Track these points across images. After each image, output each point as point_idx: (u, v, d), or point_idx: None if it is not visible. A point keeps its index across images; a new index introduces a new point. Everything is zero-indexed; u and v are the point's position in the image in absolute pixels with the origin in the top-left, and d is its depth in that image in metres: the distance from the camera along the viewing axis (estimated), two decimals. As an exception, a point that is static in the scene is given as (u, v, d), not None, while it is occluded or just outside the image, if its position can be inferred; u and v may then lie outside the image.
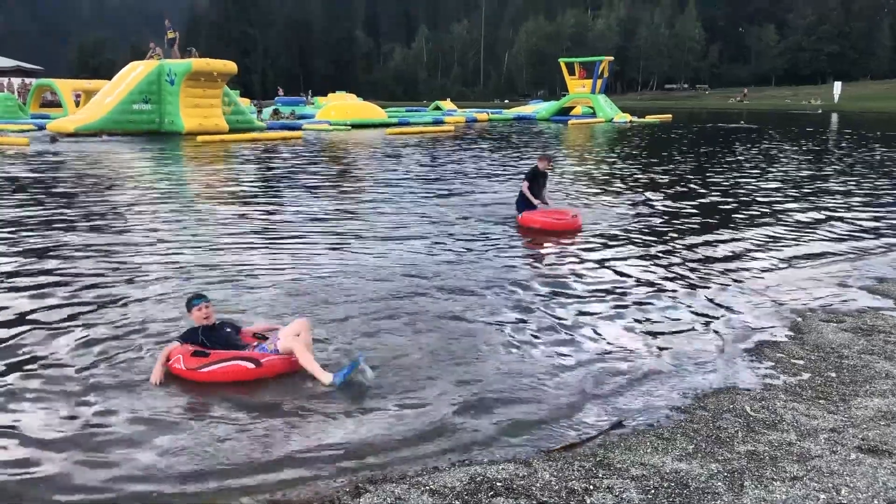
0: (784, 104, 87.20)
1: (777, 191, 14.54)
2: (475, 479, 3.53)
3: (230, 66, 30.24)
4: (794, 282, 7.50)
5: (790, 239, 9.72)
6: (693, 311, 6.43)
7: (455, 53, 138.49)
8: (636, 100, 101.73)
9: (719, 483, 3.53)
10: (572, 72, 50.03)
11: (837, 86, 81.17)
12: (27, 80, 47.79)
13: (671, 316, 6.30)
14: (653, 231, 10.14)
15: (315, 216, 11.02)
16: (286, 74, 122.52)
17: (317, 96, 61.55)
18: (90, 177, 15.67)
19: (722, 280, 7.54)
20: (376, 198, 13.01)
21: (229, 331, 5.08)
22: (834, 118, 55.13)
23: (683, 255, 8.68)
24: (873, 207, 12.48)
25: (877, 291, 7.14)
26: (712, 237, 9.82)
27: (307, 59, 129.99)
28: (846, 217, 11.45)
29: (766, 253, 8.88)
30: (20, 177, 15.51)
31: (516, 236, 9.78)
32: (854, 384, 4.79)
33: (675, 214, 11.54)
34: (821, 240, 9.70)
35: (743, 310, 6.48)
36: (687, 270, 7.94)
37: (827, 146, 27.33)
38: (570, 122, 43.67)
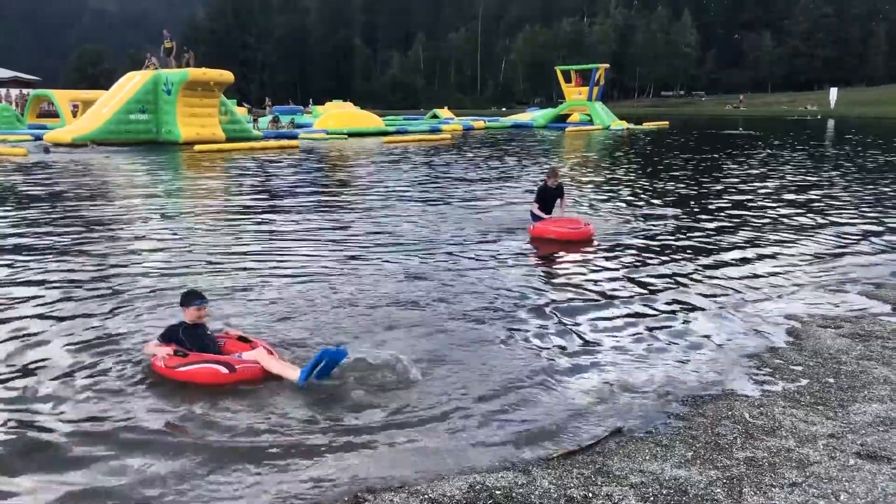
0: (781, 110, 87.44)
1: (775, 196, 14.56)
2: (474, 488, 3.52)
3: (226, 76, 30.27)
4: (792, 287, 7.51)
5: (788, 244, 9.73)
6: (691, 318, 6.43)
7: (452, 61, 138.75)
8: (633, 107, 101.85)
9: (718, 490, 3.52)
10: (569, 79, 50.15)
11: (833, 91, 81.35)
12: (24, 91, 47.84)
13: (669, 323, 6.30)
14: (651, 238, 10.15)
15: (315, 225, 11.02)
16: (284, 84, 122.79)
17: (315, 105, 61.64)
18: (88, 187, 15.68)
19: (720, 286, 7.55)
20: (377, 207, 13.02)
21: (210, 332, 5.20)
22: (831, 124, 55.30)
23: (681, 262, 8.68)
24: (871, 212, 12.50)
25: (875, 296, 7.15)
26: (710, 244, 9.84)
27: (305, 69, 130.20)
28: (844, 222, 11.47)
29: (764, 258, 8.89)
30: (20, 188, 15.51)
31: (520, 245, 9.67)
32: (852, 390, 4.79)
33: (674, 221, 11.55)
34: (818, 245, 9.71)
35: (741, 316, 6.48)
36: (684, 277, 7.94)
37: (825, 152, 27.40)
38: (568, 130, 43.76)
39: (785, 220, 11.65)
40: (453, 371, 5.08)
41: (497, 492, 3.49)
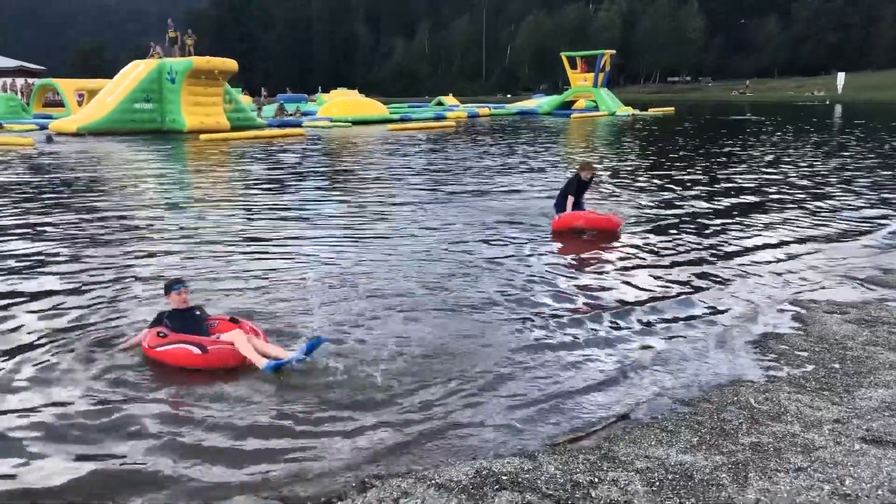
0: (788, 96, 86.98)
1: (783, 182, 14.51)
2: (480, 473, 3.54)
3: (230, 64, 30.22)
4: (798, 273, 7.50)
5: (794, 229, 9.71)
6: (697, 304, 6.44)
7: (457, 49, 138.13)
8: (638, 93, 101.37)
9: (724, 475, 3.54)
10: (574, 65, 49.96)
11: (841, 76, 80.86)
12: (30, 81, 47.89)
13: (675, 308, 6.30)
14: (656, 222, 10.14)
15: (325, 214, 11.03)
16: (287, 73, 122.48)
17: (322, 93, 61.41)
18: (91, 176, 15.71)
19: (726, 272, 7.54)
20: (389, 196, 13.02)
21: (198, 314, 5.32)
22: (838, 109, 54.96)
23: (686, 247, 8.67)
24: (879, 198, 12.45)
25: (881, 282, 7.14)
26: (718, 229, 9.82)
27: (308, 57, 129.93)
28: (851, 207, 11.43)
29: (771, 244, 8.87)
30: (25, 177, 15.55)
31: (529, 233, 9.62)
32: (858, 375, 4.79)
33: (680, 206, 11.53)
34: (825, 230, 9.68)
35: (747, 301, 6.48)
36: (690, 263, 7.94)
37: (834, 137, 27.24)
38: (573, 117, 43.61)
39: (792, 206, 11.61)
40: (458, 357, 5.09)
41: (503, 477, 3.51)
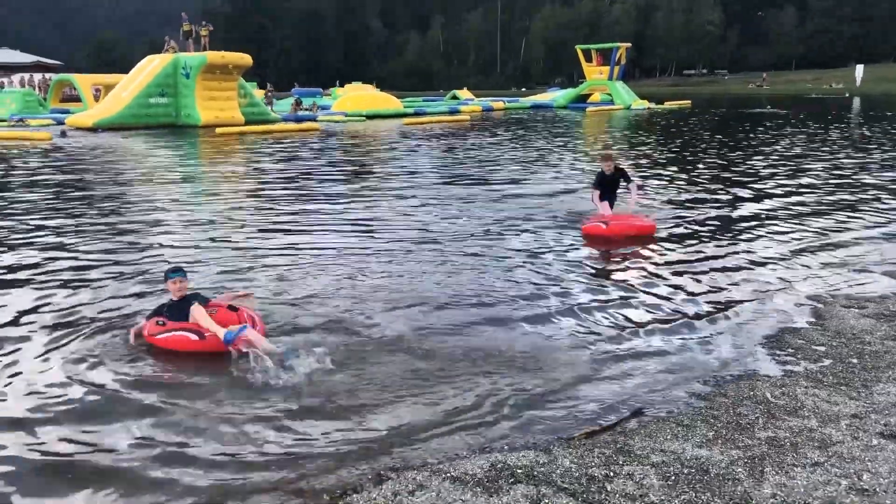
0: (805, 88, 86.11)
1: (801, 176, 14.38)
2: (496, 466, 3.55)
3: (245, 59, 30.33)
4: (816, 268, 7.44)
5: (811, 224, 9.62)
6: (713, 298, 6.40)
7: (472, 43, 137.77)
8: (654, 86, 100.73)
9: (740, 469, 3.53)
10: (589, 59, 49.71)
11: (860, 69, 79.82)
12: (47, 76, 48.22)
13: (691, 303, 6.27)
14: (673, 216, 10.07)
15: (338, 209, 11.06)
16: (300, 67, 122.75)
17: (337, 88, 61.34)
18: (107, 171, 15.83)
19: (743, 265, 7.50)
20: (409, 192, 13.04)
21: (195, 303, 5.38)
22: (857, 102, 54.34)
23: (703, 242, 8.62)
24: (896, 192, 12.32)
25: (899, 277, 7.06)
26: (735, 222, 9.75)
27: (321, 51, 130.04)
28: (868, 201, 11.31)
29: (788, 238, 8.80)
30: (42, 172, 15.70)
31: (548, 230, 9.49)
32: (876, 370, 4.76)
33: (696, 199, 11.45)
34: (842, 225, 9.59)
35: (763, 296, 6.44)
36: (706, 258, 7.89)
37: (855, 131, 26.93)
38: (588, 110, 43.42)
39: (810, 201, 11.50)
40: (472, 351, 5.10)
41: (518, 470, 3.52)
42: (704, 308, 6.15)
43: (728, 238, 8.88)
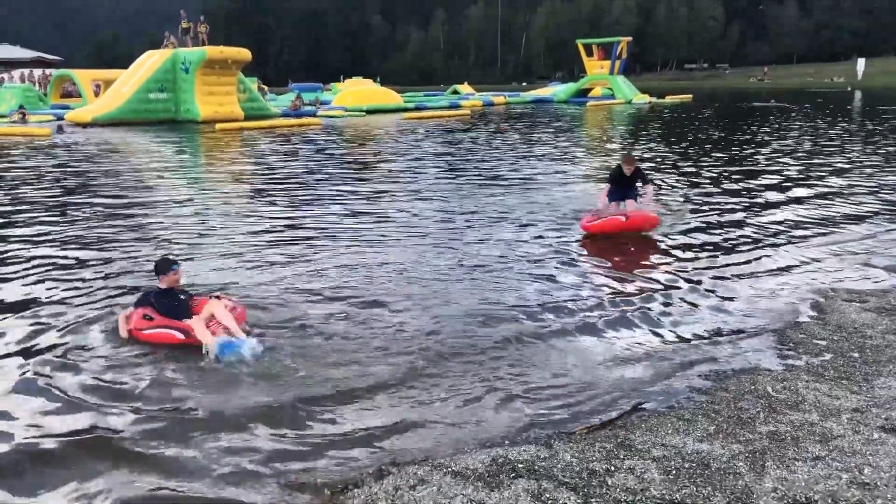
0: (806, 82, 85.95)
1: (803, 170, 14.36)
2: (497, 461, 3.55)
3: (244, 54, 30.25)
4: (817, 261, 7.43)
5: (812, 218, 9.61)
6: (714, 292, 6.40)
7: (473, 38, 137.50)
8: (655, 80, 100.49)
9: (741, 463, 3.52)
10: (590, 53, 49.56)
11: (861, 62, 79.68)
12: (47, 71, 48.13)
13: (692, 298, 6.27)
14: (675, 210, 10.06)
15: (339, 205, 11.05)
16: (301, 63, 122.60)
17: (337, 83, 61.20)
18: (104, 167, 15.81)
19: (744, 259, 7.49)
20: (409, 187, 13.02)
21: (182, 297, 5.44)
22: (858, 95, 54.22)
23: (705, 236, 8.61)
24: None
25: (901, 271, 7.05)
26: (735, 217, 9.74)
27: (322, 47, 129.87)
28: (870, 195, 11.29)
29: (789, 231, 8.79)
30: (39, 168, 15.69)
31: (550, 225, 9.50)
32: (877, 364, 4.75)
33: (698, 193, 11.43)
34: (844, 218, 9.58)
35: (765, 290, 6.44)
36: (708, 251, 7.88)
37: (859, 125, 26.87)
38: (589, 104, 43.32)
39: (811, 194, 11.48)
40: (474, 346, 5.10)
41: (519, 465, 3.52)
42: (704, 302, 6.14)
43: (729, 231, 8.87)
